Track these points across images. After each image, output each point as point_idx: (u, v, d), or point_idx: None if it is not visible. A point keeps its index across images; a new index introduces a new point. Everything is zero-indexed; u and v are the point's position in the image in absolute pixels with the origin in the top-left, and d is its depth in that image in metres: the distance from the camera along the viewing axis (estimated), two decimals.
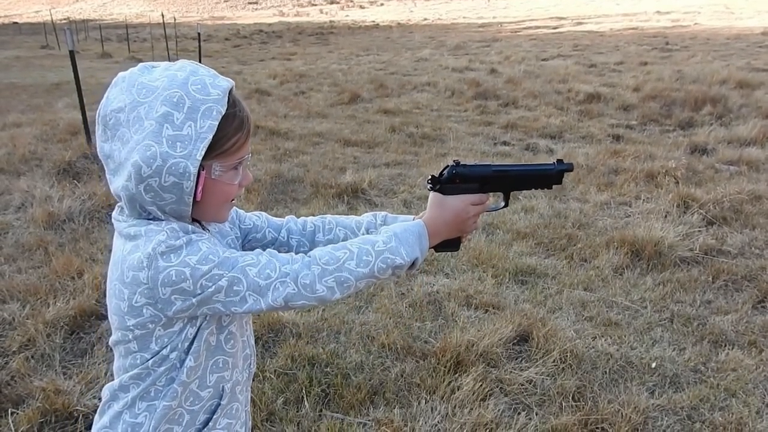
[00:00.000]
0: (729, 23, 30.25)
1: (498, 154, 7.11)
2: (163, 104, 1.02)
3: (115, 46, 28.22)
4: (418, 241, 1.18)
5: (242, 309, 1.09)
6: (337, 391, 2.72)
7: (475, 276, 3.87)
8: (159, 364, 1.14)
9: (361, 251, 1.12)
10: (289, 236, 1.39)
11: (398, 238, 1.15)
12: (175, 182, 1.04)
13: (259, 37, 34.46)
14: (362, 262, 1.11)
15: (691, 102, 9.42)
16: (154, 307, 1.07)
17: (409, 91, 11.90)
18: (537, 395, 2.74)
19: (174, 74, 1.05)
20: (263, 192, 5.45)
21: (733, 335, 3.23)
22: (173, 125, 1.02)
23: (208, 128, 1.04)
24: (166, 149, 1.02)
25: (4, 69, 18.59)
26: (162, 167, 1.03)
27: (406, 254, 1.15)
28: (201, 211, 1.14)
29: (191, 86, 1.04)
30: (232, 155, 1.11)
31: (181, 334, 1.13)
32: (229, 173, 1.12)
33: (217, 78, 1.08)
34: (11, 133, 7.94)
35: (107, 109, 1.06)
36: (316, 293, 1.09)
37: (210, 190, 1.11)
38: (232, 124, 1.09)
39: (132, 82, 1.05)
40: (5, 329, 3.23)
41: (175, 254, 1.04)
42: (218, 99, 1.06)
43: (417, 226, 1.20)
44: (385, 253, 1.13)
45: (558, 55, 18.66)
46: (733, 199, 4.93)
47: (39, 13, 72.58)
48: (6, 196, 5.42)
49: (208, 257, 1.05)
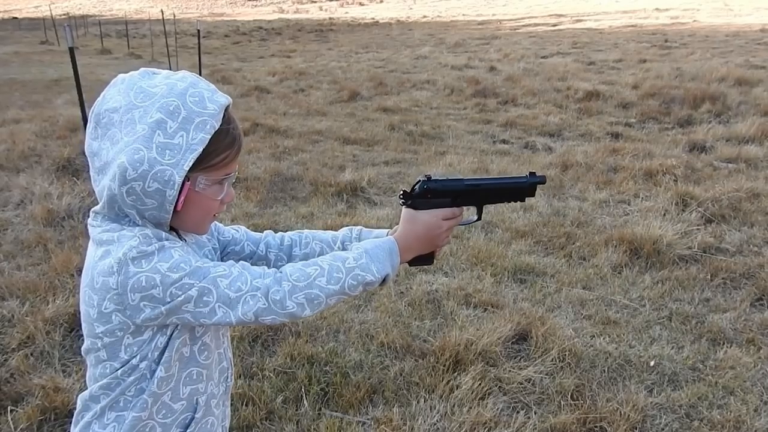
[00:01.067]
0: (728, 20, 30.23)
1: (497, 152, 7.11)
2: (158, 111, 1.03)
3: (114, 42, 28.15)
4: (389, 257, 1.17)
5: (211, 321, 1.08)
6: (336, 390, 2.73)
7: (474, 274, 3.87)
8: (128, 374, 1.13)
9: (332, 268, 1.12)
10: (267, 250, 1.38)
11: (369, 255, 1.15)
12: (158, 189, 1.04)
13: (259, 34, 34.38)
14: (333, 279, 1.11)
15: (689, 99, 9.42)
16: (123, 314, 1.07)
17: (409, 89, 11.89)
18: (536, 394, 2.75)
19: (174, 83, 1.06)
20: (262, 190, 5.45)
21: (731, 333, 3.24)
22: (165, 133, 1.03)
23: (199, 141, 1.05)
24: (154, 155, 1.02)
25: (3, 64, 18.54)
26: (147, 172, 1.03)
27: (377, 271, 1.14)
28: (180, 222, 1.14)
29: (189, 97, 1.05)
30: (218, 170, 1.11)
31: (151, 342, 1.12)
32: (213, 188, 1.13)
33: (216, 93, 1.09)
34: (10, 130, 7.93)
35: (102, 108, 1.07)
36: (286, 309, 1.09)
37: (192, 202, 1.11)
38: (224, 140, 1.09)
39: (131, 85, 1.06)
40: (5, 326, 3.24)
41: (147, 260, 1.04)
42: (214, 114, 1.06)
43: (388, 242, 1.20)
44: (356, 270, 1.12)
45: (557, 53, 18.64)
46: (731, 196, 4.93)
47: (38, 9, 72.41)
48: (5, 192, 5.42)
49: (180, 265, 1.05)
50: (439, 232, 1.26)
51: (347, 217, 4.78)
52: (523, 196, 1.32)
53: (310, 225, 4.67)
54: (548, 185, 5.61)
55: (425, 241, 1.25)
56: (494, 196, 1.34)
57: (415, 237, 1.24)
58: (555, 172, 6.00)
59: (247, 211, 5.02)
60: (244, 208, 5.06)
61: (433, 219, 1.25)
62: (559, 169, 6.11)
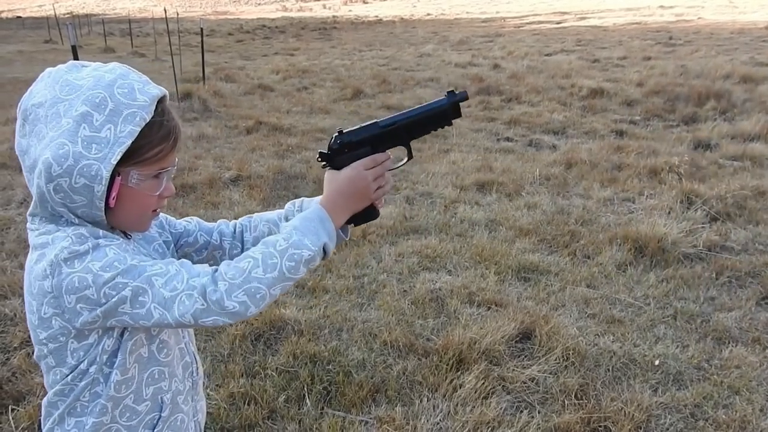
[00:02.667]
0: (733, 17, 30.09)
1: (501, 150, 7.08)
2: (83, 104, 0.99)
3: (118, 40, 28.19)
4: (321, 225, 1.11)
5: (150, 322, 1.03)
6: (338, 389, 2.72)
7: (478, 273, 3.85)
8: (79, 379, 1.10)
9: (265, 256, 1.05)
10: (221, 239, 1.34)
11: (299, 231, 1.08)
12: (85, 184, 1.00)
13: (262, 32, 34.37)
14: (269, 267, 1.04)
15: (694, 97, 9.38)
16: (62, 318, 1.03)
17: (412, 86, 11.87)
18: (539, 393, 2.73)
19: (102, 75, 1.02)
20: (265, 188, 5.44)
21: (736, 332, 3.21)
22: (91, 126, 0.99)
23: (128, 133, 1.00)
24: (80, 149, 0.99)
25: (7, 63, 18.59)
26: (73, 167, 0.99)
27: (312, 243, 1.08)
28: (117, 220, 1.10)
29: (117, 89, 1.01)
30: (152, 164, 1.06)
31: (98, 346, 1.08)
32: (148, 183, 1.08)
33: (149, 85, 1.05)
34: (13, 129, 7.93)
35: (28, 103, 1.04)
36: (227, 309, 1.02)
37: (126, 198, 1.06)
38: (158, 132, 1.05)
39: (57, 79, 1.03)
40: (6, 325, 3.24)
41: (79, 260, 1.00)
42: (144, 105, 1.02)
43: (315, 211, 1.13)
44: (289, 250, 1.06)
45: (561, 50, 18.58)
46: (736, 194, 4.90)
47: (42, 8, 72.58)
48: (8, 191, 5.42)
49: (113, 264, 1.00)
50: (366, 183, 1.17)
51: None
52: (449, 119, 1.23)
53: None
54: (552, 183, 5.59)
55: (354, 196, 1.17)
56: (418, 128, 1.24)
57: (339, 194, 1.16)
58: (559, 169, 5.97)
59: (251, 209, 5.01)
60: (247, 207, 5.05)
61: (353, 172, 1.17)
62: (564, 166, 6.08)
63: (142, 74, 1.08)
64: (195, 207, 5.05)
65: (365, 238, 4.36)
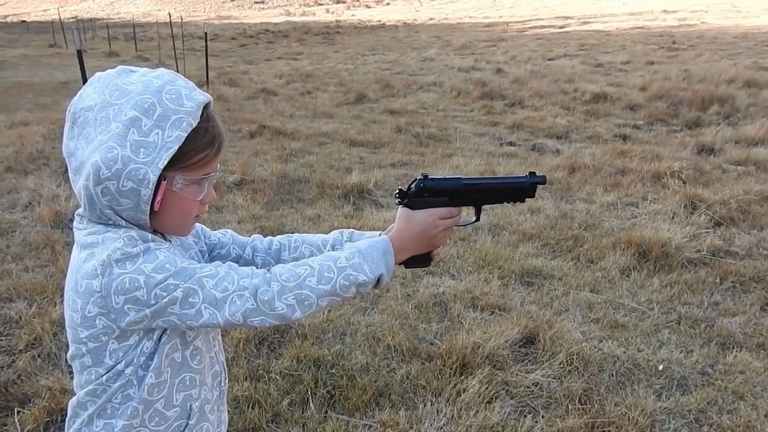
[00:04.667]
0: (736, 22, 30.08)
1: (504, 155, 7.09)
2: (133, 108, 1.01)
3: (122, 44, 28.27)
4: (383, 257, 1.13)
5: (198, 323, 1.05)
6: (342, 393, 2.72)
7: (481, 277, 3.85)
8: (114, 380, 1.10)
9: (323, 268, 1.07)
10: (254, 254, 1.35)
11: (362, 255, 1.10)
12: (132, 188, 1.02)
13: (266, 37, 34.47)
14: (324, 279, 1.06)
15: (698, 101, 9.38)
16: (107, 318, 1.04)
17: (415, 91, 11.89)
18: (543, 398, 2.73)
19: (150, 81, 1.04)
20: (269, 192, 5.45)
21: (741, 337, 3.21)
22: (140, 130, 1.00)
23: (175, 138, 1.02)
24: (128, 153, 1.00)
25: (13, 67, 18.66)
26: (121, 171, 1.01)
27: (370, 271, 1.10)
28: (160, 223, 1.11)
29: (165, 95, 1.02)
30: (197, 170, 1.08)
31: (136, 348, 1.09)
32: (191, 188, 1.09)
33: (195, 91, 1.06)
34: (19, 132, 7.97)
35: (78, 107, 1.05)
36: (276, 311, 1.04)
37: (170, 203, 1.08)
38: (203, 138, 1.06)
39: (107, 83, 1.04)
40: (12, 328, 3.25)
41: (131, 262, 1.02)
42: (191, 111, 1.04)
43: (382, 242, 1.15)
44: (348, 269, 1.08)
45: (564, 55, 18.60)
46: (740, 199, 4.90)
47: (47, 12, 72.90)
48: (13, 194, 5.44)
49: (165, 266, 1.02)
50: (435, 231, 1.21)
51: (354, 219, 4.77)
52: (523, 197, 1.29)
53: (317, 227, 4.66)
54: (555, 187, 5.59)
55: (421, 240, 1.21)
56: (493, 195, 1.30)
57: (410, 236, 1.19)
58: (562, 174, 5.97)
59: (254, 213, 5.02)
60: (250, 210, 5.06)
61: (429, 218, 1.21)
62: (567, 171, 6.08)
63: (189, 80, 1.09)
64: None
65: None
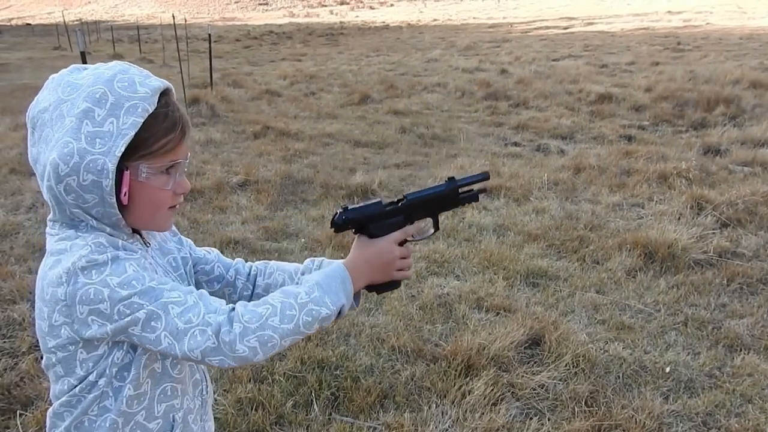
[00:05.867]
0: (741, 23, 29.98)
1: (509, 155, 7.07)
2: (84, 100, 0.99)
3: (126, 47, 28.38)
4: (342, 286, 1.11)
5: (156, 349, 1.01)
6: (346, 395, 2.70)
7: (486, 278, 3.83)
8: (87, 391, 1.08)
9: (284, 306, 1.04)
10: (236, 276, 1.34)
11: (321, 287, 1.08)
12: (94, 180, 0.99)
13: (270, 38, 34.53)
14: (286, 318, 1.03)
15: (703, 102, 9.33)
16: (71, 328, 1.01)
17: (419, 91, 11.87)
18: (549, 400, 2.70)
19: (101, 72, 1.02)
20: (273, 193, 5.44)
21: (748, 339, 3.18)
22: (93, 121, 0.99)
23: (131, 125, 1.00)
24: (84, 146, 0.98)
25: (17, 70, 18.74)
26: (79, 164, 0.98)
27: (332, 303, 1.08)
28: (134, 219, 1.08)
29: (117, 83, 1.01)
30: (161, 157, 1.05)
31: (107, 358, 1.06)
32: (158, 177, 1.06)
33: (150, 78, 1.05)
34: (23, 134, 7.98)
35: (35, 111, 1.04)
36: (237, 353, 1.00)
37: (138, 194, 1.05)
38: (162, 123, 1.04)
39: (59, 82, 1.03)
40: (15, 330, 3.24)
41: (97, 271, 0.98)
42: (146, 97, 1.01)
43: (338, 270, 1.13)
44: (309, 305, 1.05)
45: (569, 56, 18.55)
46: (747, 200, 4.86)
47: (51, 15, 73.20)
48: (17, 196, 5.45)
49: (131, 282, 0.99)
50: (391, 256, 1.18)
51: None
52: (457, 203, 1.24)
53: (321, 227, 4.65)
54: (561, 188, 5.57)
55: (378, 266, 1.18)
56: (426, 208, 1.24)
57: (365, 261, 1.17)
58: (567, 174, 5.94)
59: (258, 213, 5.01)
60: (254, 211, 5.05)
61: (383, 243, 1.18)
62: (572, 171, 6.05)
63: (144, 69, 1.07)
64: (203, 212, 5.06)
65: None
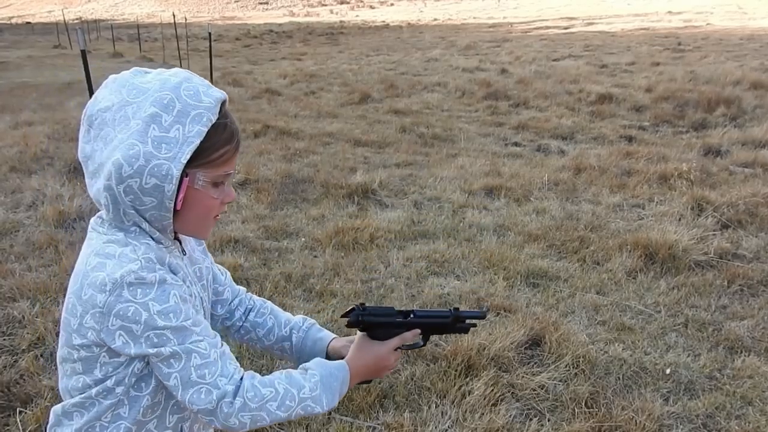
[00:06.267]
0: (742, 23, 29.98)
1: (509, 155, 7.07)
2: (152, 105, 1.00)
3: (126, 45, 28.36)
4: (341, 387, 1.18)
5: (162, 381, 1.06)
6: (346, 394, 2.69)
7: (487, 278, 3.83)
8: (104, 396, 1.08)
9: (287, 395, 1.10)
10: (237, 306, 1.39)
11: (323, 386, 1.14)
12: (156, 184, 1.01)
13: (270, 37, 34.53)
14: (283, 407, 1.09)
15: (704, 103, 9.33)
16: (97, 334, 1.02)
17: (420, 91, 11.86)
18: (549, 401, 2.70)
19: (167, 78, 1.03)
20: (273, 192, 5.44)
21: (749, 341, 3.17)
22: (161, 126, 1.00)
23: (196, 133, 1.01)
24: (150, 149, 0.99)
25: (17, 68, 18.72)
26: (144, 167, 0.99)
27: (327, 403, 1.15)
28: (182, 224, 1.10)
29: (183, 91, 1.02)
30: (217, 167, 1.07)
31: (127, 367, 1.07)
32: (212, 186, 1.09)
33: (211, 88, 1.06)
34: (23, 132, 7.97)
35: (94, 109, 1.04)
36: (228, 423, 1.06)
37: (192, 201, 1.07)
38: (222, 134, 1.06)
39: (123, 83, 1.04)
40: (15, 327, 3.23)
41: (142, 291, 1.00)
42: (210, 107, 1.03)
43: (342, 371, 1.19)
44: (308, 401, 1.12)
45: (569, 56, 18.55)
46: (748, 201, 4.86)
47: (51, 13, 73.16)
48: (17, 194, 5.43)
49: (170, 314, 1.01)
50: (388, 363, 1.27)
51: (358, 219, 4.75)
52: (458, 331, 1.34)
53: (321, 227, 4.65)
54: (561, 188, 5.57)
55: (374, 370, 1.28)
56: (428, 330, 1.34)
57: (365, 365, 1.25)
58: (568, 175, 5.94)
59: (258, 212, 5.01)
60: (254, 210, 5.05)
61: (384, 351, 1.26)
62: (572, 172, 6.05)
63: (204, 79, 1.09)
64: None
65: (373, 242, 4.34)
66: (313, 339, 1.36)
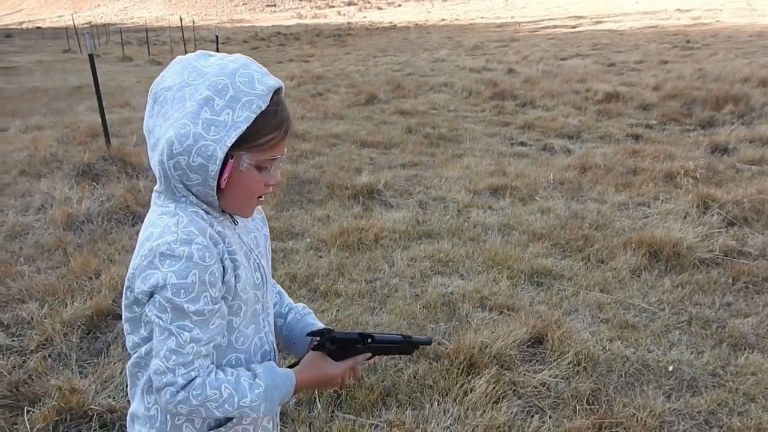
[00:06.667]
0: (751, 20, 29.76)
1: (515, 155, 7.06)
2: (207, 89, 1.06)
3: (135, 49, 28.56)
4: (281, 399, 1.22)
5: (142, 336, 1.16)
6: (349, 392, 2.72)
7: (490, 277, 3.84)
8: (152, 357, 1.14)
9: (228, 399, 1.13)
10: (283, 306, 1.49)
11: (265, 396, 1.18)
12: (201, 163, 1.07)
13: (277, 39, 34.65)
14: (221, 409, 1.14)
15: (712, 101, 9.28)
16: (133, 294, 1.12)
17: (426, 91, 11.88)
18: (551, 398, 2.71)
19: (226, 64, 1.09)
20: (279, 193, 5.47)
21: (753, 338, 3.17)
22: (212, 110, 1.06)
23: (244, 119, 1.06)
24: (200, 130, 1.06)
25: (27, 73, 18.91)
26: (192, 147, 1.06)
27: (263, 411, 1.19)
28: (226, 202, 1.16)
29: (239, 77, 1.07)
30: (264, 152, 1.12)
31: None
32: (257, 168, 1.14)
33: (267, 76, 1.11)
34: (33, 136, 8.07)
35: (159, 87, 1.11)
36: (166, 407, 1.14)
37: (236, 181, 1.13)
38: (272, 121, 1.11)
39: (186, 65, 1.10)
40: (23, 328, 3.28)
41: (169, 262, 1.07)
42: (261, 95, 1.08)
43: (287, 384, 1.23)
44: (245, 409, 1.16)
45: (576, 55, 18.49)
46: (754, 199, 4.84)
47: (62, 18, 73.76)
48: (27, 197, 5.50)
49: (180, 291, 1.07)
50: (335, 382, 1.32)
51: (363, 220, 4.77)
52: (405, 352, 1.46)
53: (327, 227, 4.67)
54: (566, 187, 5.56)
55: (322, 384, 1.34)
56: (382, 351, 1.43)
57: (312, 381, 1.30)
58: (573, 174, 5.94)
59: (265, 213, 5.03)
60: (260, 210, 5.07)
61: (337, 371, 1.30)
62: (578, 171, 6.05)
63: (263, 66, 1.14)
64: None
65: (378, 242, 4.37)
66: (305, 323, 1.43)
